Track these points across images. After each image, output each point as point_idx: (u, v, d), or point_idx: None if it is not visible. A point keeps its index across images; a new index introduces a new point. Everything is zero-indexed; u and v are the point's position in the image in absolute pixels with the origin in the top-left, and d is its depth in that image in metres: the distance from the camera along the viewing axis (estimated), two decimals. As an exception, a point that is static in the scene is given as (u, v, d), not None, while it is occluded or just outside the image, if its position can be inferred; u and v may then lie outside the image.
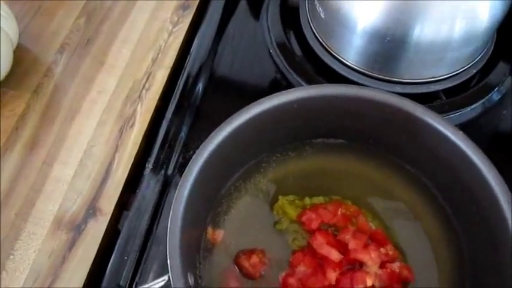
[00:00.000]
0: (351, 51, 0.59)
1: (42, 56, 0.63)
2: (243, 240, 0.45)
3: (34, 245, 0.51)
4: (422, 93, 0.58)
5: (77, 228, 0.51)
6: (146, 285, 0.36)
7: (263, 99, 0.43)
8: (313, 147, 0.49)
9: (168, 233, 0.37)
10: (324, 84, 0.44)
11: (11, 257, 0.50)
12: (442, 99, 0.58)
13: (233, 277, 0.44)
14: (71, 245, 0.51)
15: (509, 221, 0.39)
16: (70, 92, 0.60)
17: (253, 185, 0.48)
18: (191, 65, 0.61)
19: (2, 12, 0.57)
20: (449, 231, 0.45)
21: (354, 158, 0.49)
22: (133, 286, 0.48)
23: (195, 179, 0.40)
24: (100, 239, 0.51)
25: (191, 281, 0.38)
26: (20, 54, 0.62)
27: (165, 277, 0.36)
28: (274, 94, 0.43)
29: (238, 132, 0.42)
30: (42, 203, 0.53)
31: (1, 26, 0.56)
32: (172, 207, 0.38)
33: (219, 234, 0.46)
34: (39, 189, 0.54)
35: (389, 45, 0.55)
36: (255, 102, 0.43)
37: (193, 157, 0.40)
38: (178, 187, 0.39)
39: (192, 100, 0.59)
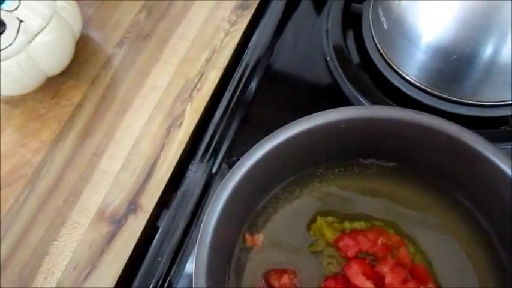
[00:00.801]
0: (413, 65, 0.55)
1: (102, 48, 0.65)
2: (275, 257, 0.44)
3: (77, 234, 0.53)
4: (488, 117, 0.53)
5: (118, 222, 0.53)
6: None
7: (308, 116, 0.41)
8: (360, 168, 0.47)
9: (196, 248, 0.36)
10: (376, 106, 0.41)
11: (55, 242, 0.52)
12: (510, 125, 0.53)
13: (262, 295, 0.43)
14: (110, 238, 0.52)
15: None
16: (125, 86, 0.62)
17: (292, 202, 0.46)
18: (245, 66, 0.60)
19: (66, 5, 0.58)
20: (502, 277, 0.41)
21: (404, 183, 0.46)
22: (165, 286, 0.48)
23: (230, 194, 0.39)
24: (138, 235, 0.52)
25: (216, 298, 0.37)
26: (81, 45, 0.63)
27: (189, 293, 0.35)
28: (320, 112, 0.41)
29: (279, 149, 0.41)
30: (88, 193, 0.55)
31: (65, 18, 0.58)
32: (203, 222, 0.38)
33: (258, 239, 0.45)
34: (86, 179, 0.56)
35: (456, 64, 0.51)
36: (300, 119, 0.41)
37: (230, 172, 0.40)
38: (211, 201, 0.38)
39: (242, 103, 0.58)
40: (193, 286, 0.36)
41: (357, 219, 0.45)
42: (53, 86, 0.62)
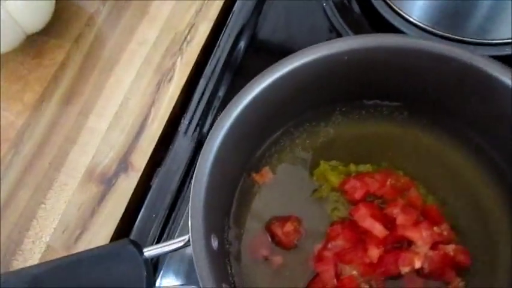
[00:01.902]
0: (416, 5, 0.52)
1: (85, 5, 0.61)
2: (277, 206, 0.41)
3: (65, 196, 0.49)
4: (496, 56, 0.50)
5: (108, 182, 0.50)
6: (162, 245, 0.33)
7: (309, 48, 0.38)
8: (364, 109, 0.44)
9: (191, 190, 0.33)
10: (382, 34, 0.38)
11: (43, 206, 0.49)
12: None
13: (264, 245, 0.40)
14: (101, 198, 0.49)
15: None
16: (110, 43, 0.58)
17: (293, 147, 0.43)
18: (236, 17, 0.57)
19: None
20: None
21: (411, 123, 0.43)
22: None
23: (226, 134, 0.36)
24: (130, 194, 0.49)
25: (215, 244, 0.34)
26: (62, 3, 0.60)
27: (185, 237, 0.32)
28: (322, 43, 0.38)
29: (278, 85, 0.38)
30: (76, 154, 0.52)
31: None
32: (198, 162, 0.35)
33: (266, 173, 0.42)
34: (73, 140, 0.52)
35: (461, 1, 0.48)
36: (300, 51, 0.38)
37: (225, 109, 0.36)
38: (206, 141, 0.35)
39: (234, 56, 0.55)
40: (190, 239, 0.33)
41: (363, 162, 0.42)
42: (34, 46, 0.58)
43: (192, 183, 0.34)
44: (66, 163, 0.51)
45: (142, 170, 0.50)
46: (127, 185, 0.49)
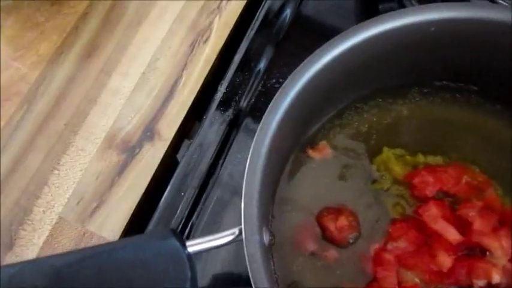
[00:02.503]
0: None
1: None
2: (331, 195, 0.36)
3: (81, 163, 0.44)
4: None
5: (131, 151, 0.44)
6: (208, 238, 0.27)
7: (389, 14, 0.31)
8: (436, 92, 0.38)
9: (246, 172, 0.28)
10: (478, 2, 0.32)
11: (56, 172, 0.44)
12: None
13: (312, 238, 0.34)
14: (122, 168, 0.43)
15: None
16: (139, -6, 0.51)
17: (353, 129, 0.37)
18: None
19: None
20: None
21: (489, 111, 0.37)
22: (187, 229, 0.40)
23: (286, 109, 0.30)
24: (155, 166, 0.43)
25: (266, 238, 0.29)
26: None
27: (235, 230, 0.27)
28: (406, 9, 0.31)
29: (349, 54, 0.32)
30: (95, 116, 0.46)
31: None
32: (255, 139, 0.29)
33: (323, 147, 0.37)
34: (93, 100, 0.47)
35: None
36: (377, 17, 0.32)
37: (284, 85, 0.30)
38: (263, 120, 0.29)
39: (281, 18, 0.49)
40: (243, 233, 0.27)
41: (432, 153, 0.36)
42: (53, -9, 0.52)
43: (247, 165, 0.28)
44: (84, 126, 0.46)
45: (170, 140, 0.44)
46: (152, 156, 0.44)
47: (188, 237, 0.38)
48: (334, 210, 0.35)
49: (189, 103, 0.46)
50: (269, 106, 0.29)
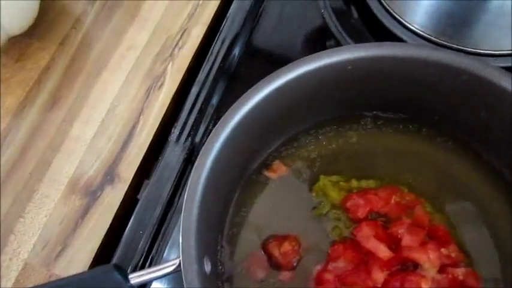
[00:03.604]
0: (418, 12, 0.49)
1: (71, 6, 0.58)
2: (274, 223, 0.39)
3: (46, 209, 0.46)
4: (503, 68, 0.48)
5: (93, 194, 0.47)
6: (149, 270, 0.30)
7: (310, 56, 0.35)
8: (365, 121, 0.41)
9: (183, 208, 0.30)
10: (388, 43, 0.36)
11: (21, 219, 0.46)
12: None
13: (259, 266, 0.37)
14: (84, 212, 0.46)
15: None
16: (98, 46, 0.55)
17: (291, 160, 0.41)
18: (229, 25, 0.54)
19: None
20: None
21: (415, 136, 0.41)
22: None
23: (221, 147, 0.33)
24: (116, 207, 0.46)
25: (207, 268, 0.32)
26: (47, 3, 0.57)
27: (176, 261, 0.30)
28: (324, 51, 0.35)
29: (277, 95, 0.35)
30: (59, 163, 0.48)
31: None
32: (190, 177, 0.32)
33: (279, 166, 0.40)
34: (56, 148, 0.49)
35: (467, 5, 0.45)
36: (300, 59, 0.36)
37: (221, 121, 0.34)
38: (199, 155, 0.33)
39: (228, 63, 0.53)
40: (181, 264, 0.30)
41: (365, 177, 0.39)
42: (17, 48, 0.55)
43: (184, 201, 0.31)
44: (48, 173, 0.48)
45: (129, 181, 0.47)
46: (113, 198, 0.46)
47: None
48: (278, 237, 0.38)
49: (146, 145, 0.48)
50: (201, 149, 0.33)
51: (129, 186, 0.47)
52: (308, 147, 0.41)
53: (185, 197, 0.31)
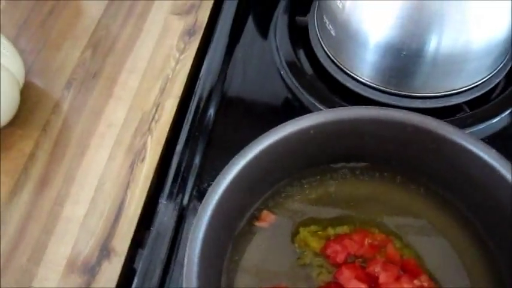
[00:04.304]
0: (365, 67, 0.56)
1: (49, 93, 0.62)
2: (264, 276, 0.42)
3: (47, 291, 0.49)
4: (443, 107, 0.55)
5: (91, 271, 0.49)
6: None
7: (276, 128, 0.41)
8: (333, 173, 0.47)
9: (185, 264, 0.34)
10: (340, 108, 0.42)
11: (24, 305, 0.48)
12: (465, 111, 0.55)
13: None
14: (86, 288, 0.48)
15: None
16: (78, 128, 0.59)
17: (278, 210, 0.45)
18: (201, 91, 0.60)
19: (3, 50, 0.55)
20: (485, 254, 0.42)
21: (377, 181, 0.47)
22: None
23: (210, 218, 0.37)
24: (115, 281, 0.49)
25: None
26: (26, 93, 0.60)
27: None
28: (287, 122, 0.41)
29: (252, 165, 0.40)
30: (54, 245, 0.51)
31: (6, 66, 0.55)
32: (187, 247, 0.36)
33: (267, 216, 0.44)
34: (50, 231, 0.52)
35: (406, 60, 0.52)
36: (268, 132, 0.41)
37: (205, 197, 0.38)
38: (191, 230, 0.37)
39: (203, 128, 0.57)
40: None
41: (340, 224, 0.44)
42: (1, 139, 0.58)
43: (185, 258, 0.35)
44: (45, 256, 0.51)
45: (125, 254, 0.50)
46: (111, 271, 0.49)
47: None
48: (269, 288, 0.42)
49: (137, 218, 0.52)
50: (195, 220, 0.37)
51: (125, 258, 0.50)
52: (293, 197, 0.46)
53: (186, 253, 0.35)
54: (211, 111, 0.59)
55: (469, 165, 0.41)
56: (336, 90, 0.59)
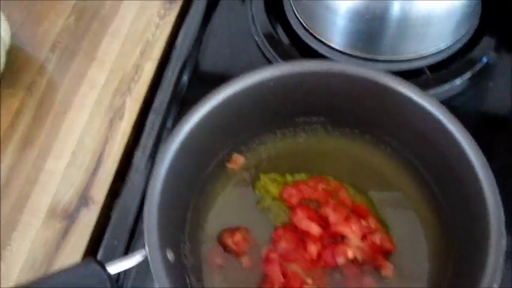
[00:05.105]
0: (335, 33, 0.59)
1: (35, 55, 0.65)
2: (226, 220, 0.46)
3: (30, 235, 0.52)
4: (406, 70, 0.58)
5: (70, 217, 0.53)
6: (122, 259, 0.37)
7: (236, 78, 0.44)
8: (294, 126, 0.50)
9: (145, 208, 0.38)
10: (296, 61, 0.45)
11: (8, 247, 0.52)
12: (427, 75, 0.58)
13: (218, 255, 0.44)
14: (65, 233, 0.52)
15: (486, 193, 0.39)
16: (62, 88, 0.62)
17: (235, 165, 0.49)
18: (177, 56, 0.63)
19: (-8, 14, 0.58)
20: (432, 201, 0.45)
21: (335, 135, 0.50)
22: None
23: (172, 159, 0.41)
24: (92, 226, 0.52)
25: (170, 256, 0.39)
26: (13, 54, 0.63)
27: (143, 251, 0.37)
28: (247, 73, 0.44)
29: (213, 113, 0.43)
30: (37, 195, 0.55)
31: (-8, 27, 0.58)
32: (149, 183, 0.39)
33: (238, 159, 0.47)
34: (34, 182, 0.55)
35: (370, 24, 0.55)
36: (228, 82, 0.44)
37: (168, 138, 0.41)
38: (154, 166, 0.40)
39: (178, 91, 0.61)
40: (147, 252, 0.37)
41: (297, 172, 0.48)
42: (-12, 98, 0.61)
43: (145, 204, 0.38)
44: (28, 204, 0.54)
45: (102, 203, 0.53)
46: (89, 218, 0.53)
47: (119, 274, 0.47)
48: (231, 229, 0.45)
49: (114, 170, 0.55)
50: (155, 162, 0.40)
51: (102, 206, 0.53)
52: (246, 153, 0.49)
53: (145, 201, 0.38)
54: (187, 75, 0.62)
55: (416, 118, 0.44)
56: (309, 56, 0.62)
